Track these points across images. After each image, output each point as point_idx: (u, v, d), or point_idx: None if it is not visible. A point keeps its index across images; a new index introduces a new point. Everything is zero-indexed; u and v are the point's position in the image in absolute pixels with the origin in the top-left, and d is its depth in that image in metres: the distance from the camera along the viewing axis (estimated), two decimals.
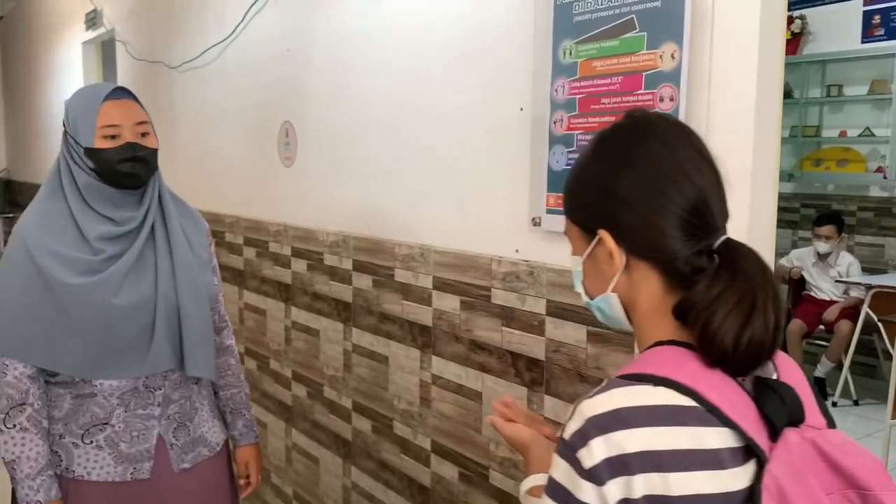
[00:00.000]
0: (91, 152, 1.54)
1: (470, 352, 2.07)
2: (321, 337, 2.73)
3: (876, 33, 5.34)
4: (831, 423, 0.82)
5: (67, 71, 5.83)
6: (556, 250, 1.81)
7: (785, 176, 5.71)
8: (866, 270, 5.32)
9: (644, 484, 0.71)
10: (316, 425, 2.80)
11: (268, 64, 2.98)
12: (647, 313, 0.87)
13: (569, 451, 0.75)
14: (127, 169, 1.55)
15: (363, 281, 2.48)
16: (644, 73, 1.54)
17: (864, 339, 4.89)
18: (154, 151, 1.61)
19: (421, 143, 2.24)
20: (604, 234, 0.88)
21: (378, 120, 2.41)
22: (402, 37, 2.29)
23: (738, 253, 0.81)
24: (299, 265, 2.84)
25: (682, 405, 0.74)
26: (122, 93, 1.61)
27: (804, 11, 5.59)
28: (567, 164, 1.73)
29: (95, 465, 1.61)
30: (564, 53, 1.71)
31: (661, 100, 1.51)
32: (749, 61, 1.38)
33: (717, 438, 0.73)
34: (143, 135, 1.60)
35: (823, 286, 5.09)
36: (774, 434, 0.75)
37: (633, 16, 1.55)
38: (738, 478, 0.73)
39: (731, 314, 0.75)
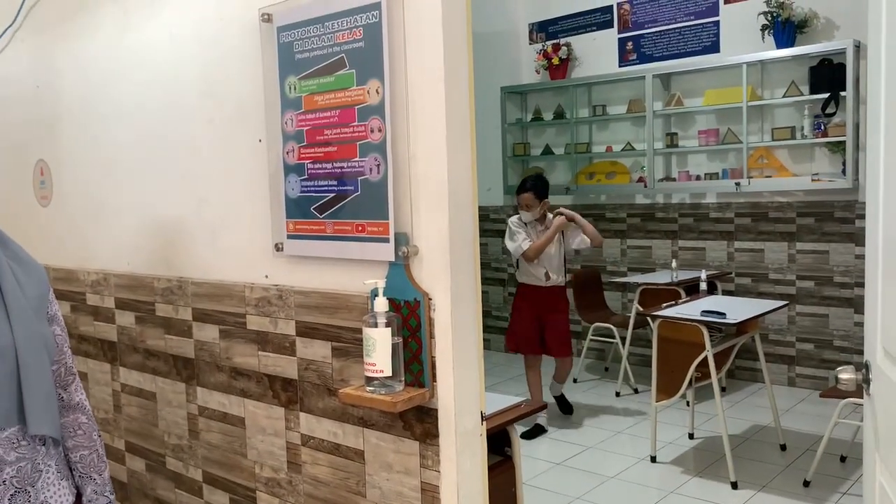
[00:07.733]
0: None
1: (231, 380, 2.12)
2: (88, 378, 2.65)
3: (630, 58, 5.99)
4: None
5: None
6: (300, 273, 1.90)
7: (562, 189, 6.21)
8: (637, 270, 5.90)
9: None
10: None
11: (17, 101, 2.86)
12: None
13: None
14: None
15: (126, 318, 2.44)
16: (357, 107, 1.67)
17: (639, 333, 5.42)
18: None
19: (172, 176, 2.25)
20: None
21: (132, 156, 2.39)
22: (150, 73, 2.29)
23: None
24: (64, 308, 2.73)
25: None
26: None
27: (569, 39, 6.16)
28: (301, 192, 1.83)
29: None
30: (290, 88, 1.82)
31: (372, 131, 1.65)
32: (437, 94, 1.55)
33: None
34: None
35: (546, 264, 4.33)
36: None
37: (343, 55, 1.69)
38: None
39: None
